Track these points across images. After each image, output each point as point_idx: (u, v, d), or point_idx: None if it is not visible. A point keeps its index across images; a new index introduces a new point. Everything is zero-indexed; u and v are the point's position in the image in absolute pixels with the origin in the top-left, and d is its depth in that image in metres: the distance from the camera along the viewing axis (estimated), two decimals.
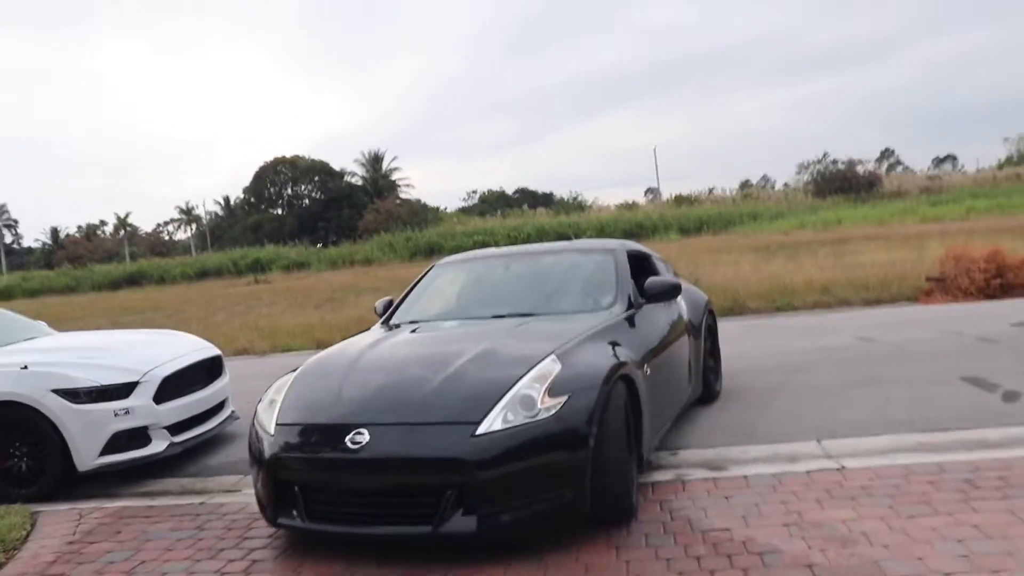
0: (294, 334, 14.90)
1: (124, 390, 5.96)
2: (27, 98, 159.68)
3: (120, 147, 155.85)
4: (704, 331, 6.79)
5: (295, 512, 4.14)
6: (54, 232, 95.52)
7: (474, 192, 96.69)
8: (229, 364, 12.37)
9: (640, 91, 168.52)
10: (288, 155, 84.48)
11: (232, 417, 7.17)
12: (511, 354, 4.47)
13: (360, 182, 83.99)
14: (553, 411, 3.94)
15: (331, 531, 4.08)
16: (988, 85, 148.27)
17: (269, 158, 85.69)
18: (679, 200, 66.32)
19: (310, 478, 4.14)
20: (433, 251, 52.62)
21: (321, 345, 13.28)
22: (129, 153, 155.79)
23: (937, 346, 8.45)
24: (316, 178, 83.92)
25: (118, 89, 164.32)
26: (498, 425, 3.90)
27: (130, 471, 6.02)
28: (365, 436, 3.97)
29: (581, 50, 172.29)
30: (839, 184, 56.74)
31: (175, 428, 6.24)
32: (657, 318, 5.72)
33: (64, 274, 60.80)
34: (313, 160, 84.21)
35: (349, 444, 3.97)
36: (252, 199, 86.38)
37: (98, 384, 5.87)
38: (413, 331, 5.47)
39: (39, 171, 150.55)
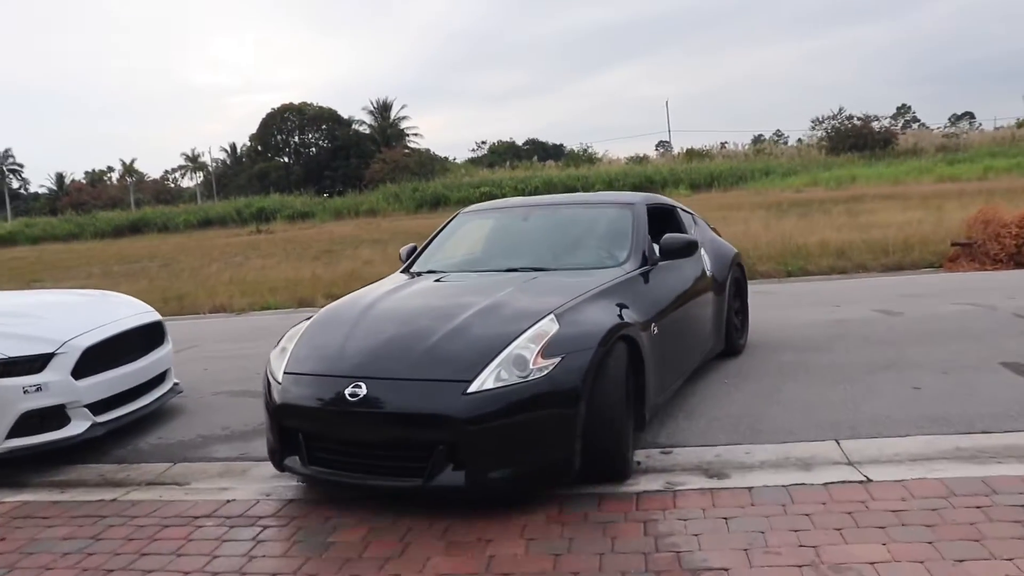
0: (277, 290, 14.13)
1: (36, 363, 5.13)
2: (36, 42, 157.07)
3: (128, 92, 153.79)
4: (730, 285, 6.81)
5: (298, 457, 4.28)
6: (59, 178, 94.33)
7: (483, 143, 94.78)
8: (203, 323, 11.82)
9: (657, 41, 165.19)
10: (296, 102, 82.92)
11: (175, 391, 6.39)
12: (512, 311, 4.47)
13: (368, 131, 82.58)
14: (545, 372, 3.97)
15: (330, 478, 4.19)
16: (1007, 41, 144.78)
17: (277, 105, 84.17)
18: (690, 154, 64.82)
19: (312, 427, 4.27)
20: (439, 202, 51.93)
21: (303, 303, 12.55)
22: (138, 98, 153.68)
23: (969, 323, 7.56)
24: (324, 126, 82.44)
25: (127, 31, 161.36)
26: (490, 384, 3.95)
27: (48, 455, 5.24)
28: (363, 389, 4.05)
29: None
30: (854, 141, 55.16)
31: (100, 406, 5.42)
32: (674, 274, 5.72)
33: (68, 221, 60.20)
34: (321, 107, 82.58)
35: (348, 396, 4.06)
36: (259, 147, 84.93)
37: (4, 356, 5.06)
38: (425, 282, 5.56)
39: (47, 116, 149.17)
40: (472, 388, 3.94)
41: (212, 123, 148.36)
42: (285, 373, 4.41)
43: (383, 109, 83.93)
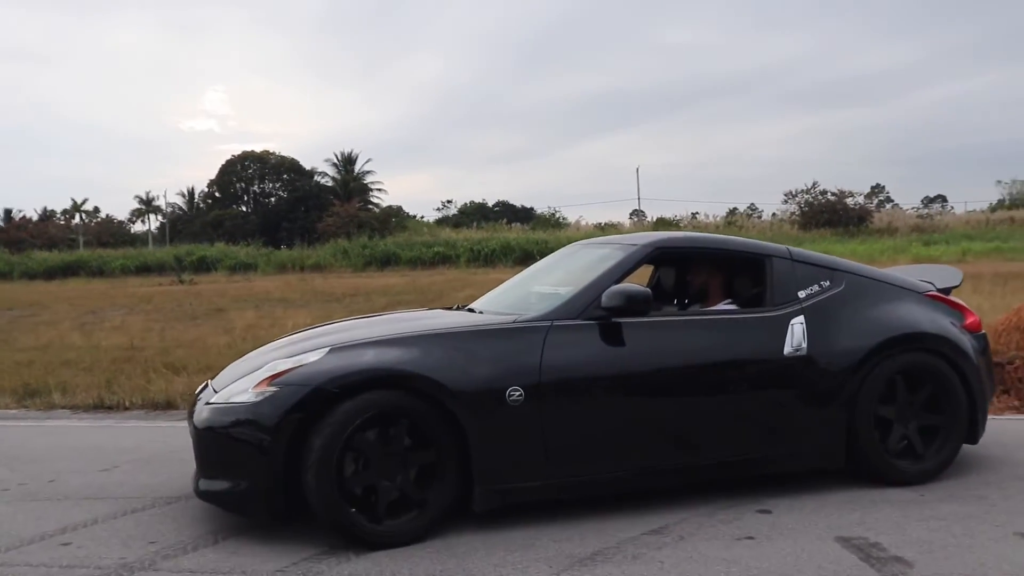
0: (63, 364, 10.66)
1: None
2: (22, 72, 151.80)
3: (112, 133, 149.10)
4: (872, 378, 4.96)
5: None
6: (7, 213, 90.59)
7: (449, 202, 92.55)
8: None
9: (650, 112, 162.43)
10: (258, 149, 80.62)
11: None
12: (319, 341, 4.61)
13: (331, 183, 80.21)
14: (254, 400, 4.11)
15: None
16: (978, 128, 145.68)
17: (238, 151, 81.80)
18: (659, 223, 63.11)
19: None
20: (389, 261, 49.48)
21: (30, 392, 8.99)
22: (123, 140, 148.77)
23: None
24: (284, 176, 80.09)
25: (109, 71, 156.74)
26: (223, 399, 4.27)
27: None
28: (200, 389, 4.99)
29: (592, 68, 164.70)
30: (827, 216, 53.16)
31: None
32: (650, 337, 4.69)
33: None
34: (283, 157, 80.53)
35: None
36: (217, 193, 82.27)
37: None
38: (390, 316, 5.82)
39: (15, 150, 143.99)
40: (213, 399, 4.37)
41: (197, 169, 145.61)
42: None
43: (347, 162, 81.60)
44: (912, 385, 5.09)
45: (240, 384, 4.31)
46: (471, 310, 5.46)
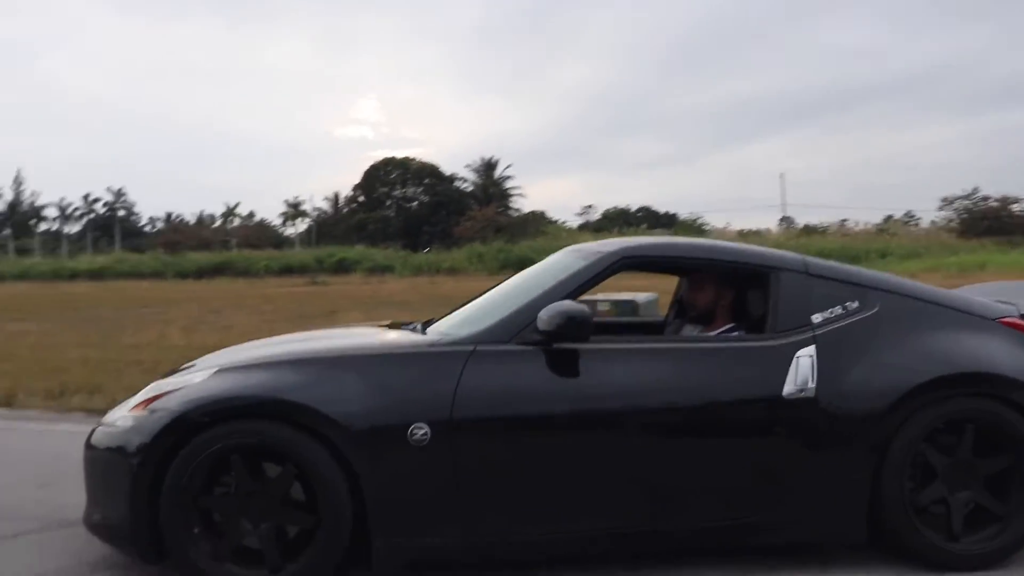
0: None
1: None
2: (186, 86, 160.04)
3: (255, 142, 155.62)
4: (899, 428, 3.85)
5: None
6: (168, 217, 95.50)
7: (590, 207, 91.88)
8: None
9: (801, 116, 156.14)
10: (407, 155, 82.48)
11: None
12: (217, 360, 4.25)
13: (471, 188, 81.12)
14: (129, 424, 3.74)
15: None
16: None
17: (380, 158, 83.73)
18: (806, 230, 60.69)
19: None
20: (524, 264, 48.66)
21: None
22: (267, 148, 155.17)
23: None
24: (426, 181, 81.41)
25: (267, 84, 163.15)
26: (108, 420, 3.98)
27: None
28: None
29: (742, 71, 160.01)
30: (988, 224, 49.58)
31: None
32: (611, 375, 3.80)
33: (155, 259, 60.49)
34: (423, 163, 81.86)
35: None
36: (361, 197, 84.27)
37: None
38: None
39: (186, 158, 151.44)
40: (104, 419, 4.06)
41: (350, 175, 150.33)
42: None
43: (487, 167, 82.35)
44: (979, 444, 3.95)
45: (124, 405, 4.02)
46: (414, 329, 4.62)
